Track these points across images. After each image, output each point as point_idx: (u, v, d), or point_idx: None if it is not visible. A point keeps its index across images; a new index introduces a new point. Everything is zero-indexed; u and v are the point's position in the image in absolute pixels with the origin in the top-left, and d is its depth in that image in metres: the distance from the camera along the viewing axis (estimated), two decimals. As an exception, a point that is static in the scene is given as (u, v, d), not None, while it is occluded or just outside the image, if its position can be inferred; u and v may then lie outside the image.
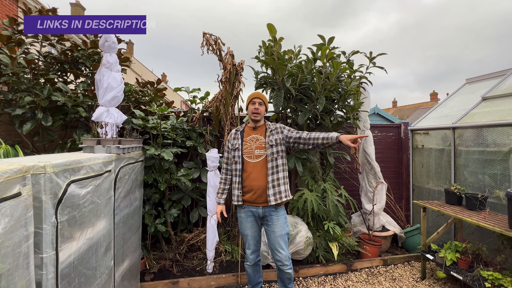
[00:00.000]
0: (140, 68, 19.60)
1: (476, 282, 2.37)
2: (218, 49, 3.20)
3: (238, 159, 2.16)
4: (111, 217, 1.80)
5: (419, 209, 3.38)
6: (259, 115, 2.18)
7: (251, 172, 2.12)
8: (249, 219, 2.17)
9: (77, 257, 1.38)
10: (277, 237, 2.11)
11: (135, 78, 3.62)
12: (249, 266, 2.29)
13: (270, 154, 2.11)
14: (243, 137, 2.22)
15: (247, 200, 2.14)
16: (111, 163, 1.80)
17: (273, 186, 2.08)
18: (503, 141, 2.78)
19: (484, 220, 2.41)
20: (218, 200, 2.34)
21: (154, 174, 2.81)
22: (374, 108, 11.15)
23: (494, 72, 3.71)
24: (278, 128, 2.24)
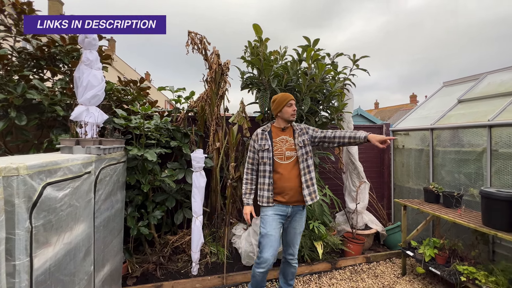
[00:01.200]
0: (122, 66, 19.05)
1: (452, 277, 2.47)
2: (204, 48, 3.17)
3: (268, 161, 2.13)
4: (91, 220, 1.73)
5: (400, 208, 3.50)
6: (295, 115, 2.20)
7: (283, 174, 2.10)
8: (276, 217, 2.12)
9: (53, 263, 1.31)
10: (297, 234, 2.19)
11: (117, 76, 3.51)
12: (262, 273, 2.10)
13: (301, 155, 2.12)
14: (272, 138, 2.19)
15: (279, 200, 2.12)
16: (91, 164, 1.73)
17: (308, 186, 2.10)
18: (477, 141, 2.93)
19: (460, 217, 2.53)
20: (247, 201, 2.23)
21: (137, 175, 2.73)
22: (357, 109, 11.43)
23: (469, 76, 3.90)
24: (304, 129, 2.24)
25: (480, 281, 2.31)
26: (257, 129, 2.29)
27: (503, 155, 2.68)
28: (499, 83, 3.31)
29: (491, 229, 2.20)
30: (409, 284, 2.81)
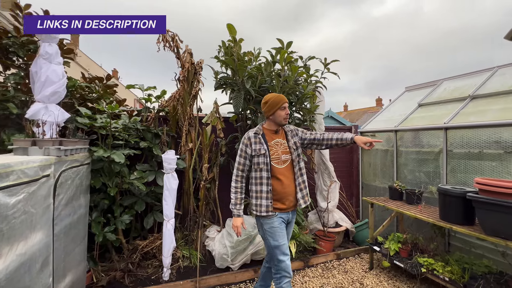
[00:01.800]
0: (87, 62, 17.87)
1: (414, 268, 2.65)
2: (176, 46, 3.08)
3: (265, 166, 1.98)
4: (49, 228, 1.60)
5: (367, 205, 3.68)
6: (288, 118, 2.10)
7: (281, 179, 1.99)
8: (283, 226, 2.02)
9: (4, 277, 1.19)
10: (289, 238, 2.15)
11: (80, 72, 3.28)
12: (288, 284, 1.95)
13: (295, 158, 2.05)
14: (267, 142, 2.04)
15: (280, 208, 2.00)
16: (50, 167, 1.59)
17: (301, 190, 2.05)
18: (435, 142, 3.18)
19: (420, 212, 2.72)
20: (238, 212, 2.04)
21: (102, 178, 2.57)
22: (328, 111, 11.84)
23: (428, 81, 4.22)
24: (294, 130, 2.17)
25: (438, 271, 2.51)
26: (248, 133, 2.09)
27: (457, 155, 2.93)
28: (453, 89, 3.63)
29: (447, 223, 2.40)
30: (376, 278, 2.96)
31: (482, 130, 2.71)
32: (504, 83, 3.02)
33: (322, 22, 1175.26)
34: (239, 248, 2.89)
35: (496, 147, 2.60)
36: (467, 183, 2.81)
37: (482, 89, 3.16)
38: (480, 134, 2.73)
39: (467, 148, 2.84)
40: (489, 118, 2.69)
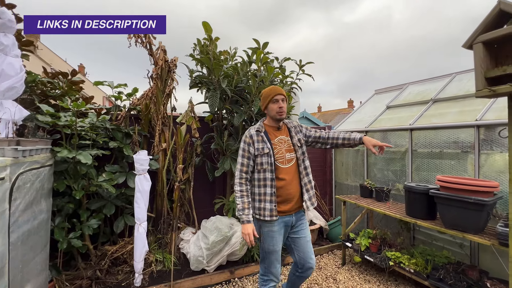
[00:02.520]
0: (49, 56, 16.62)
1: (383, 262, 2.79)
2: (148, 43, 2.96)
3: (269, 166, 1.81)
4: (4, 236, 1.46)
5: (340, 203, 3.81)
6: (285, 113, 1.88)
7: (286, 179, 1.83)
8: (282, 231, 1.86)
9: (-51, 293, 1.06)
10: (307, 242, 1.91)
11: (42, 67, 3.04)
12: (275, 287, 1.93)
13: (300, 156, 1.90)
14: (269, 139, 1.87)
15: (283, 211, 1.84)
16: (5, 169, 1.45)
17: (307, 190, 1.88)
18: (401, 142, 3.37)
19: (389, 209, 2.87)
20: (246, 217, 1.78)
21: (67, 180, 2.40)
22: (303, 112, 12.12)
23: (395, 85, 4.47)
24: (297, 126, 2.01)
25: (404, 264, 2.66)
26: (249, 130, 1.92)
27: (421, 154, 3.14)
28: (417, 92, 3.88)
29: (412, 218, 2.56)
30: (348, 273, 3.08)
31: (443, 131, 2.93)
32: (461, 88, 3.28)
33: (298, 25, 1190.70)
34: (214, 250, 2.85)
35: (454, 147, 2.82)
36: (429, 180, 3.02)
37: (443, 93, 3.41)
38: (441, 135, 2.94)
39: (430, 148, 3.05)
40: (448, 120, 2.91)
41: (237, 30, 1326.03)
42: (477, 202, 2.05)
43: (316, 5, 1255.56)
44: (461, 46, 1.46)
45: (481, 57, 1.36)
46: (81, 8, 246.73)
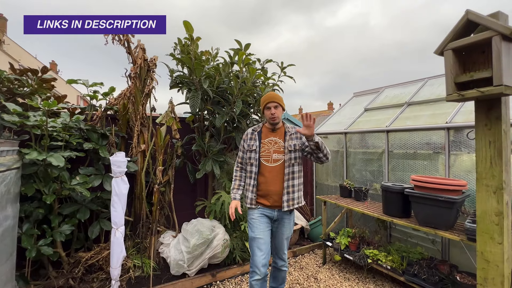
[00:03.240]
0: (17, 52, 15.61)
1: (362, 260, 2.87)
2: (126, 40, 2.86)
3: (254, 162, 2.06)
4: (-36, 245, 1.34)
5: (321, 203, 3.89)
6: (278, 118, 2.07)
7: (268, 177, 2.02)
8: (263, 219, 2.04)
9: None
10: (284, 239, 2.09)
11: (8, 63, 2.85)
12: (257, 281, 1.97)
13: (288, 160, 2.03)
14: (261, 139, 2.10)
15: (262, 203, 2.05)
16: (-35, 173, 1.34)
17: (288, 193, 2.02)
18: (378, 144, 3.50)
19: (367, 208, 2.97)
20: (234, 195, 2.14)
21: (37, 184, 2.26)
22: (285, 114, 12.23)
23: (373, 88, 4.64)
24: (298, 133, 2.14)
25: (381, 261, 2.76)
26: (249, 129, 2.22)
27: (397, 155, 3.27)
28: (393, 96, 4.05)
29: (389, 217, 2.66)
30: (328, 272, 3.14)
31: (416, 133, 3.07)
32: (432, 92, 3.47)
33: (281, 27, 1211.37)
34: (196, 253, 2.80)
35: (427, 148, 2.97)
36: (405, 180, 3.15)
37: (416, 97, 3.59)
38: (415, 137, 3.09)
39: (405, 149, 3.19)
40: (421, 123, 3.06)
41: (219, 31, 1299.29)
42: (448, 200, 2.16)
43: (298, 8, 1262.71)
44: (433, 52, 1.54)
45: (451, 63, 1.44)
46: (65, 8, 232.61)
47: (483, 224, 1.49)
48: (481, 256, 1.51)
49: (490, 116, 1.44)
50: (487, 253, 1.47)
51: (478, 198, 1.50)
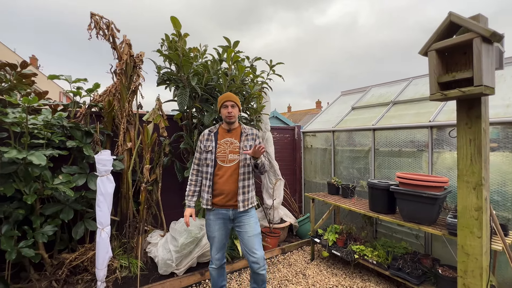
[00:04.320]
0: (-6, 45, 14.89)
1: (349, 255, 2.94)
2: (111, 35, 2.79)
3: (210, 162, 2.08)
4: None
5: (309, 200, 3.93)
6: (234, 117, 2.10)
7: (223, 176, 2.05)
8: (218, 221, 2.09)
9: None
10: (250, 237, 2.07)
11: (-16, 56, 2.70)
12: (213, 269, 2.20)
13: (243, 160, 2.07)
14: (217, 139, 2.12)
15: (217, 203, 2.07)
16: None
17: (243, 193, 2.05)
18: (365, 142, 3.57)
19: (354, 205, 3.02)
20: (188, 203, 2.16)
21: (16, 183, 2.17)
22: (274, 112, 12.27)
23: (360, 87, 4.72)
24: (254, 134, 2.18)
25: (368, 256, 2.83)
26: (205, 130, 2.23)
27: (383, 153, 3.35)
28: (379, 95, 4.13)
29: (375, 213, 2.72)
30: (316, 268, 3.19)
31: (401, 131, 3.15)
32: (417, 91, 3.57)
33: (269, 25, 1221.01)
34: (184, 252, 2.78)
35: (411, 146, 3.06)
36: (390, 177, 3.24)
37: (401, 96, 3.68)
38: (400, 135, 3.17)
39: (390, 146, 3.27)
40: (406, 121, 3.14)
41: (207, 28, 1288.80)
42: (431, 196, 2.24)
43: (287, 6, 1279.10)
44: (417, 52, 1.58)
45: (434, 64, 1.48)
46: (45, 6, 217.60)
47: (463, 219, 1.55)
48: (461, 249, 1.57)
49: (470, 115, 1.50)
50: (467, 246, 1.54)
51: (459, 194, 1.56)
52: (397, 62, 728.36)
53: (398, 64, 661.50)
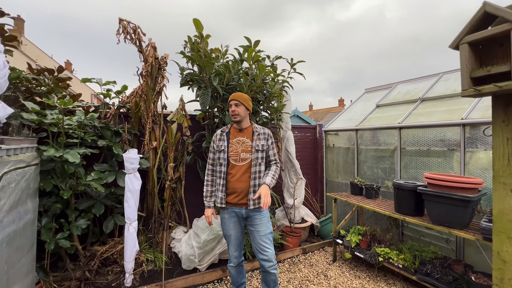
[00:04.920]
0: (34, 52, 16.13)
1: (373, 258, 2.85)
2: (138, 39, 2.91)
3: (223, 161, 2.12)
4: (-12, 237, 1.41)
5: (331, 201, 3.86)
6: (238, 116, 2.12)
7: (235, 175, 2.09)
8: (232, 219, 2.14)
9: None
10: (261, 237, 2.09)
11: (26, 63, 2.95)
12: (232, 267, 2.25)
13: (254, 159, 2.10)
14: (229, 139, 2.17)
15: (230, 202, 2.12)
16: (-12, 169, 1.41)
17: (254, 192, 2.07)
18: (390, 140, 3.43)
19: (378, 206, 2.92)
20: (208, 203, 2.23)
21: (54, 180, 2.34)
22: (295, 111, 12.15)
23: (385, 84, 4.54)
24: (265, 134, 2.19)
25: (393, 259, 2.72)
26: (217, 130, 2.28)
27: (409, 152, 3.21)
28: (405, 92, 3.95)
29: (401, 215, 2.61)
30: (338, 269, 3.12)
31: (430, 129, 3.00)
32: (448, 87, 3.37)
33: (293, 22, 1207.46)
34: (206, 248, 2.85)
35: (441, 145, 2.90)
36: (417, 178, 3.09)
37: (430, 93, 3.49)
38: (428, 133, 3.01)
39: (418, 146, 3.12)
40: (435, 119, 2.98)
41: (229, 28, 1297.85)
42: (463, 199, 2.11)
43: (310, 2, 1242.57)
44: (448, 46, 1.49)
45: (466, 58, 1.39)
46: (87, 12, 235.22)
47: (499, 223, 1.44)
48: (497, 256, 1.46)
49: (508, 112, 1.39)
50: (504, 253, 1.43)
51: (495, 196, 1.46)
52: (427, 58, 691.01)
53: (428, 59, 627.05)
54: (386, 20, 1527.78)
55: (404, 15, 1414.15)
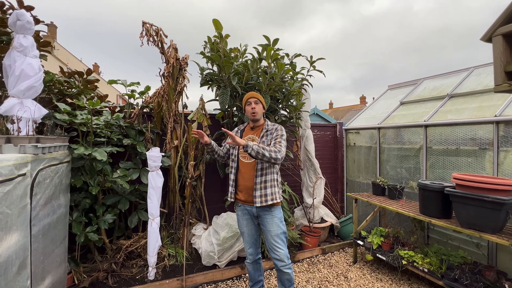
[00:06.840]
0: (65, 56, 17.14)
1: (396, 261, 2.75)
2: (160, 41, 3.00)
3: (234, 158, 2.19)
4: (26, 229, 1.53)
5: (351, 201, 3.77)
6: (257, 114, 2.18)
7: (244, 172, 2.14)
8: (245, 217, 2.20)
9: (-23, 282, 1.12)
10: (273, 236, 2.09)
11: (58, 66, 3.14)
12: (249, 264, 2.30)
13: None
14: (242, 137, 2.24)
15: (240, 198, 2.17)
16: (26, 165, 1.52)
17: (260, 188, 2.07)
18: (415, 139, 3.29)
19: (402, 207, 2.82)
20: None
21: (83, 176, 2.49)
22: (314, 109, 11.96)
23: (410, 80, 4.35)
24: (274, 129, 2.16)
25: (417, 263, 2.61)
26: (235, 127, 2.38)
27: (436, 151, 3.05)
28: (432, 88, 3.76)
29: (427, 217, 2.50)
30: (359, 271, 3.05)
31: (459, 127, 2.83)
32: (479, 82, 3.16)
33: (313, 18, 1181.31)
34: (225, 245, 2.89)
35: (472, 144, 2.73)
36: (445, 178, 2.94)
37: (460, 88, 3.30)
38: (457, 132, 2.85)
39: (445, 145, 2.96)
40: (465, 116, 2.82)
41: (249, 25, 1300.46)
42: (496, 201, 1.98)
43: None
44: (479, 39, 1.41)
45: (500, 50, 1.30)
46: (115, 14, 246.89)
47: (537, 228, 1.34)
48: (534, 263, 1.36)
49: (548, 108, 1.29)
50: (542, 260, 1.33)
51: (532, 199, 1.35)
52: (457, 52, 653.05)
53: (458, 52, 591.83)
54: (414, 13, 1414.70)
55: (434, 6, 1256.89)
